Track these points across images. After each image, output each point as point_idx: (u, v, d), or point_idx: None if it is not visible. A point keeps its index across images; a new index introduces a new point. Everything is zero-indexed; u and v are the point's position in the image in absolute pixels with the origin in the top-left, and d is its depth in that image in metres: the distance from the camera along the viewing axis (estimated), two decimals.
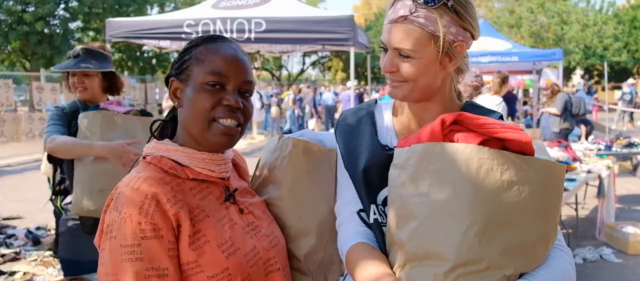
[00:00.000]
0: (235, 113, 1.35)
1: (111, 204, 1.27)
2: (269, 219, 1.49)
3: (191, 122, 1.36)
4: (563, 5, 31.30)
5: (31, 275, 5.05)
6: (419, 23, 1.34)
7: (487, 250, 1.16)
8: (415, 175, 1.25)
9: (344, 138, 1.53)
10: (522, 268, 1.21)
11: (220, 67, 1.35)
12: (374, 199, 1.44)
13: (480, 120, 1.25)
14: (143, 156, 1.41)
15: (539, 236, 1.22)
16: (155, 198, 1.25)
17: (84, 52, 3.02)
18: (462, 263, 1.16)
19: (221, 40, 1.41)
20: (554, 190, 1.25)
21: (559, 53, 12.58)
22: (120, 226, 1.22)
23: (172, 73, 1.42)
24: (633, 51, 32.72)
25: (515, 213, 1.18)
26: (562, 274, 1.26)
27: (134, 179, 1.29)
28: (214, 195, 1.39)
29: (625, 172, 10.47)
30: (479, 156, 1.19)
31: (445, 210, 1.19)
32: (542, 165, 1.22)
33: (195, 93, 1.34)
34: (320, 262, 1.52)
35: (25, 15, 22.77)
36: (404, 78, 1.40)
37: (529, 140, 1.23)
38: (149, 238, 1.21)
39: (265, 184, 1.59)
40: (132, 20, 8.49)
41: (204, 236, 1.29)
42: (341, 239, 1.46)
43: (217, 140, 1.35)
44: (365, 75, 22.43)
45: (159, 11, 27.56)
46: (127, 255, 1.20)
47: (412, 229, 1.22)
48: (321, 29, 7.14)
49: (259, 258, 1.37)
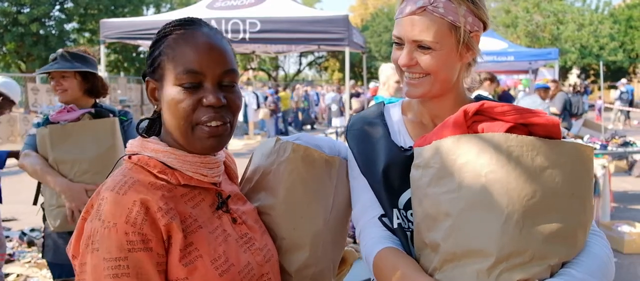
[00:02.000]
0: (219, 112, 1.21)
1: (92, 211, 1.13)
2: (261, 230, 1.37)
3: (173, 127, 1.22)
4: (559, 5, 31.33)
5: (25, 277, 5.04)
6: (439, 13, 1.31)
7: (530, 239, 1.11)
8: (442, 172, 1.20)
9: (358, 144, 1.48)
10: (565, 256, 1.17)
11: (193, 63, 1.19)
12: (396, 203, 1.38)
13: (505, 107, 1.22)
14: (128, 155, 1.26)
15: (578, 221, 1.18)
16: (145, 205, 1.11)
17: (61, 55, 2.96)
18: (506, 256, 1.11)
19: (191, 26, 1.24)
20: (585, 173, 1.21)
21: (555, 52, 12.59)
22: (103, 236, 1.08)
23: (147, 72, 1.28)
24: (629, 50, 32.77)
25: (552, 198, 1.14)
26: (603, 260, 1.22)
27: (118, 184, 1.14)
28: (207, 203, 1.27)
29: (620, 171, 10.51)
30: (508, 143, 1.16)
31: (480, 203, 1.14)
32: (571, 148, 1.19)
33: (171, 95, 1.20)
34: (312, 277, 1.42)
35: (20, 16, 22.70)
36: (424, 72, 1.36)
37: (556, 122, 1.20)
38: (137, 251, 1.08)
39: (257, 190, 1.47)
40: (126, 20, 8.48)
41: (197, 250, 1.16)
42: (366, 245, 1.39)
43: (204, 145, 1.22)
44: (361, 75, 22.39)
45: (155, 12, 27.50)
46: (112, 270, 1.06)
47: (447, 227, 1.17)
48: (316, 29, 7.13)
49: (253, 274, 1.26)
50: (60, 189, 2.73)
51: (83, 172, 2.79)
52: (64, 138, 2.81)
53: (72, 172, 2.79)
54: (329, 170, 1.48)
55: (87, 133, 2.84)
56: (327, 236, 1.45)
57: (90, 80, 3.03)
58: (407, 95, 1.43)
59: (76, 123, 2.85)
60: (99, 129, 2.87)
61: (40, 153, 2.84)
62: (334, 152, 1.54)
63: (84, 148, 2.81)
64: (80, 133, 2.83)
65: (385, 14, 38.74)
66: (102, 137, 2.86)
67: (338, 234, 1.50)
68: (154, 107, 1.30)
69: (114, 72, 27.31)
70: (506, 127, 1.19)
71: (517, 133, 1.18)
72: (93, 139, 2.84)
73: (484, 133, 1.20)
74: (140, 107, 21.72)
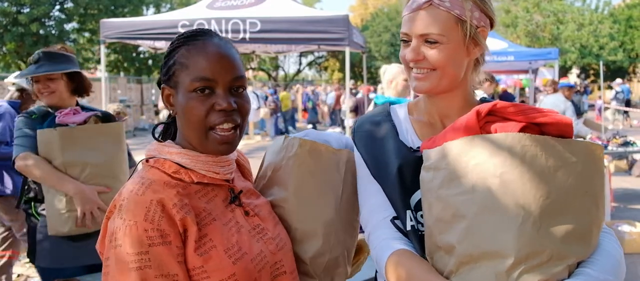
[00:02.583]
0: (231, 115, 1.31)
1: (115, 211, 1.24)
2: (274, 221, 1.46)
3: (188, 131, 1.33)
4: (559, 5, 31.34)
5: (25, 277, 5.05)
6: (445, 7, 1.32)
7: (548, 239, 1.11)
8: (454, 174, 1.20)
9: (366, 145, 1.47)
10: (581, 255, 1.16)
11: (205, 70, 1.29)
12: (408, 203, 1.37)
13: (518, 107, 1.22)
14: (146, 159, 1.38)
15: (591, 220, 1.18)
16: (161, 203, 1.22)
17: (44, 56, 2.87)
18: (524, 257, 1.10)
19: (202, 37, 1.34)
20: (596, 171, 1.21)
21: (555, 52, 12.59)
22: (125, 234, 1.18)
23: (162, 80, 1.39)
24: (629, 50, 32.78)
25: (567, 198, 1.14)
26: (616, 258, 1.23)
27: (137, 185, 1.26)
28: (220, 198, 1.37)
29: (620, 170, 10.51)
30: (522, 143, 1.15)
31: (496, 204, 1.13)
32: (583, 147, 1.19)
33: (186, 101, 1.30)
34: (327, 265, 1.49)
35: (20, 16, 22.68)
36: (431, 66, 1.36)
37: (568, 121, 1.20)
38: (157, 245, 1.19)
39: (270, 185, 1.56)
40: (126, 20, 8.46)
41: (211, 240, 1.26)
42: (376, 247, 1.38)
43: (217, 149, 1.32)
44: (361, 75, 22.41)
45: (155, 12, 27.50)
46: (135, 264, 1.16)
47: (462, 229, 1.16)
48: (316, 29, 7.13)
49: (266, 262, 1.34)
50: (75, 192, 2.67)
51: (93, 176, 2.75)
52: (74, 141, 2.75)
53: (82, 175, 2.74)
54: (337, 162, 1.54)
55: (97, 137, 2.80)
56: (338, 224, 1.51)
57: (76, 80, 2.98)
58: (415, 90, 1.43)
59: (85, 126, 2.80)
60: (108, 132, 2.85)
61: (43, 155, 2.74)
62: (342, 145, 1.59)
63: (93, 151, 2.76)
64: (89, 136, 2.78)
65: (385, 13, 38.76)
66: (110, 140, 2.83)
67: (349, 222, 1.55)
68: (170, 112, 1.40)
69: (113, 72, 27.31)
70: (519, 126, 1.19)
71: (529, 133, 1.18)
72: (103, 142, 2.80)
73: (496, 134, 1.19)
74: (140, 107, 21.74)
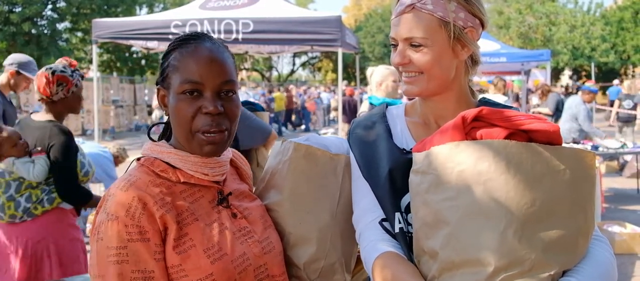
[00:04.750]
0: (216, 119, 1.31)
1: (103, 205, 1.28)
2: (265, 224, 1.45)
3: (177, 132, 1.36)
4: (551, 7, 31.49)
5: None
6: (427, 9, 1.33)
7: (529, 248, 1.09)
8: (440, 179, 1.19)
9: (359, 146, 1.47)
10: (566, 264, 1.15)
11: (193, 73, 1.30)
12: (398, 205, 1.36)
13: (504, 113, 1.20)
14: (138, 158, 1.41)
15: (579, 228, 1.16)
16: (143, 201, 1.25)
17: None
18: (505, 266, 1.09)
19: (195, 41, 1.35)
20: (586, 179, 1.18)
21: (547, 54, 12.65)
22: (107, 228, 1.23)
23: (158, 81, 1.42)
24: (620, 52, 32.99)
25: (552, 206, 1.12)
26: (605, 266, 1.21)
27: (123, 182, 1.29)
28: (206, 199, 1.37)
29: (612, 171, 10.57)
30: (507, 150, 1.14)
31: (478, 211, 1.12)
32: (571, 154, 1.17)
33: (175, 102, 1.32)
34: (322, 271, 1.46)
35: (12, 15, 22.54)
36: (417, 70, 1.37)
37: (556, 129, 1.18)
38: (136, 241, 1.22)
39: (268, 189, 1.56)
40: (119, 20, 8.43)
41: (191, 240, 1.28)
42: (365, 248, 1.37)
43: (202, 150, 1.34)
44: (354, 75, 22.44)
45: (148, 12, 27.41)
46: (113, 257, 1.21)
47: (445, 236, 1.15)
48: (308, 30, 7.12)
49: (249, 264, 1.34)
50: None
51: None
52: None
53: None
54: (334, 166, 1.53)
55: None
56: (335, 230, 1.48)
57: None
58: (405, 94, 1.44)
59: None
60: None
61: None
62: (341, 150, 1.57)
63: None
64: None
65: (379, 14, 38.84)
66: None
67: (348, 228, 1.51)
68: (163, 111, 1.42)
69: (106, 72, 27.16)
70: (505, 133, 1.17)
71: (516, 140, 1.16)
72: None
73: (483, 140, 1.18)
74: (133, 107, 21.66)
